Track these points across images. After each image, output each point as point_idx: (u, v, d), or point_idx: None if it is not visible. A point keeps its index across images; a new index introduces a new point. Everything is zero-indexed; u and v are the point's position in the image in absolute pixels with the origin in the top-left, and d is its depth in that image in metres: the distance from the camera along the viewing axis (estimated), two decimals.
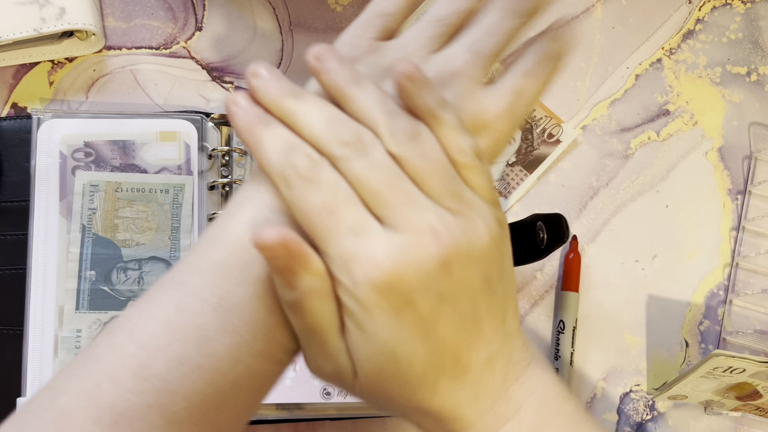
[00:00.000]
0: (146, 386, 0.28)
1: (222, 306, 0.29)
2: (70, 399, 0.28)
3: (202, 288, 0.29)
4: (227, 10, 0.56)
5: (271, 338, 0.29)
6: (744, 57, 0.59)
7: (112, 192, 0.50)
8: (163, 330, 0.28)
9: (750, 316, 0.55)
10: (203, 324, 0.28)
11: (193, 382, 0.28)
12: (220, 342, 0.28)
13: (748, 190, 0.57)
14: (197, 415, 0.28)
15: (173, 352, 0.28)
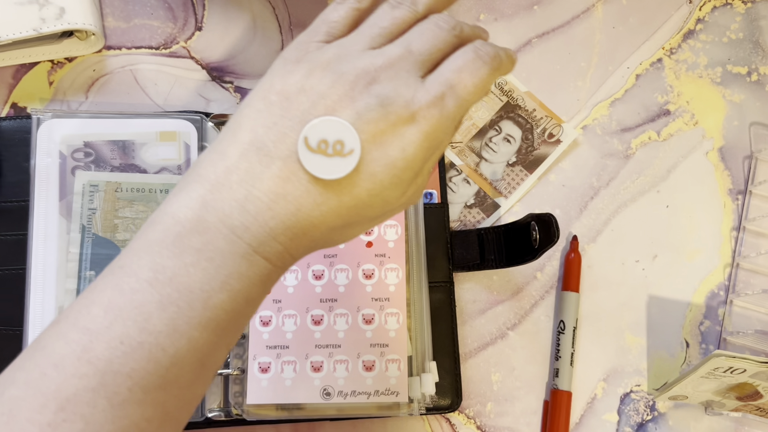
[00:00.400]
0: (90, 369, 0.29)
1: (158, 280, 0.30)
2: (16, 390, 0.29)
3: (140, 267, 0.30)
4: (227, 10, 0.56)
5: (209, 305, 0.31)
6: (744, 57, 0.58)
7: (112, 192, 0.50)
8: (104, 313, 0.30)
9: (750, 316, 0.55)
10: (142, 301, 0.30)
11: (134, 360, 0.29)
12: (159, 317, 0.30)
13: (748, 190, 0.57)
14: (140, 394, 0.29)
15: (114, 332, 0.29)
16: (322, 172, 0.31)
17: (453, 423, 0.53)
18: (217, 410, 0.49)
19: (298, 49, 0.34)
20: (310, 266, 0.50)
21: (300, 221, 0.32)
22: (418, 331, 0.50)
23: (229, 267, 0.31)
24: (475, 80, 0.33)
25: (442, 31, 0.35)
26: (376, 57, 0.33)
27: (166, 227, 0.31)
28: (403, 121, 0.32)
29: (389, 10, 0.35)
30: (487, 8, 0.58)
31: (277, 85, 0.33)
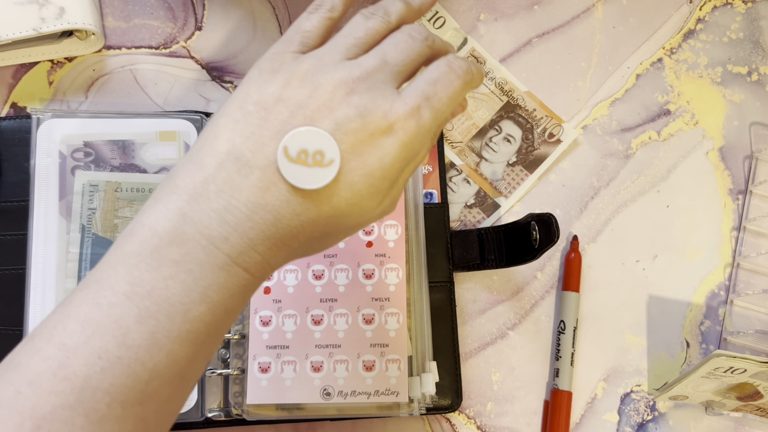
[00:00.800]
0: (66, 386, 0.28)
1: (136, 293, 0.30)
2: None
3: (117, 281, 0.30)
4: (227, 10, 0.56)
5: (188, 318, 0.30)
6: (745, 57, 0.58)
7: (112, 192, 0.50)
8: (81, 328, 0.29)
9: (751, 316, 0.55)
10: (120, 315, 0.29)
11: (113, 375, 0.29)
12: (137, 330, 0.29)
13: (749, 190, 0.57)
14: (119, 409, 0.29)
15: (92, 347, 0.29)
16: (302, 182, 0.31)
17: (453, 423, 0.53)
18: (217, 410, 0.49)
19: (273, 59, 0.34)
20: (310, 266, 0.50)
21: (279, 231, 0.32)
22: (418, 331, 0.50)
23: (208, 279, 0.31)
24: (450, 92, 0.34)
25: (415, 42, 0.35)
26: (353, 68, 0.33)
27: (143, 239, 0.31)
28: (381, 132, 0.32)
29: (363, 21, 0.36)
30: (487, 8, 0.58)
31: (254, 95, 0.33)
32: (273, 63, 0.34)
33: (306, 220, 0.32)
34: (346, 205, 0.32)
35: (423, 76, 0.35)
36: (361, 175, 0.32)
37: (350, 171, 0.32)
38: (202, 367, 0.32)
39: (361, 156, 0.32)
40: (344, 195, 0.32)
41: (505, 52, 0.57)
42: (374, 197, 0.33)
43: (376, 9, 0.37)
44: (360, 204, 0.32)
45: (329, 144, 0.31)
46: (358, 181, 0.32)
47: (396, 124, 0.32)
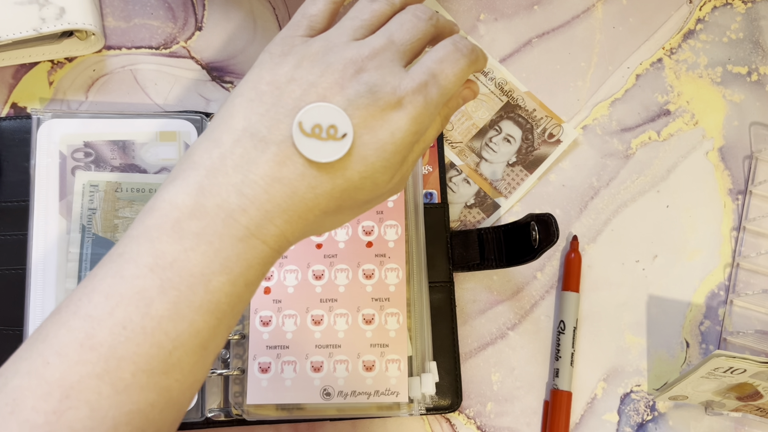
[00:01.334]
0: (93, 356, 0.29)
1: (158, 265, 0.31)
2: (20, 380, 0.29)
3: (139, 254, 0.31)
4: (227, 10, 0.56)
5: (209, 289, 0.31)
6: (744, 57, 0.58)
7: (112, 192, 0.50)
8: (105, 299, 0.30)
9: (751, 316, 0.55)
10: (143, 287, 0.30)
11: (137, 345, 0.30)
12: (160, 301, 0.30)
13: (748, 190, 0.57)
14: (143, 378, 0.30)
15: (117, 318, 0.30)
16: (316, 155, 0.32)
17: (453, 423, 0.53)
18: (217, 410, 0.49)
19: (283, 43, 0.35)
20: (310, 266, 0.50)
21: (295, 204, 0.33)
22: (418, 331, 0.50)
23: (228, 250, 0.32)
24: (455, 70, 0.36)
25: (420, 21, 0.37)
26: (362, 47, 0.34)
27: (163, 213, 0.32)
28: (391, 107, 0.33)
29: (368, 3, 0.37)
30: (487, 8, 0.58)
31: (267, 76, 0.34)
32: (283, 47, 0.35)
33: (321, 193, 0.33)
34: (360, 178, 0.33)
35: (429, 55, 0.36)
36: (374, 148, 0.33)
37: (363, 145, 0.33)
38: (224, 338, 0.33)
39: (372, 130, 0.33)
40: (357, 168, 0.33)
41: (505, 52, 0.57)
42: (386, 171, 0.34)
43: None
44: (373, 177, 0.34)
45: (342, 118, 0.33)
46: (370, 155, 0.33)
47: (405, 98, 0.34)
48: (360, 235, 0.51)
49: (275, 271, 0.50)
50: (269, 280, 0.50)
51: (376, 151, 0.33)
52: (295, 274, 0.50)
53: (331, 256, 0.50)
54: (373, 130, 0.33)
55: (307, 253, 0.50)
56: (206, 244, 0.31)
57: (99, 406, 0.29)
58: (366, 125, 0.33)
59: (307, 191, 0.33)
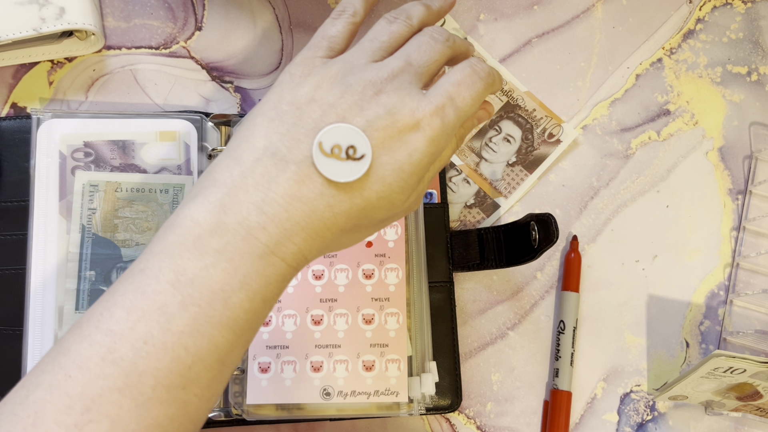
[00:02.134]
0: (114, 370, 0.30)
1: (179, 281, 0.31)
2: (42, 393, 0.29)
3: (161, 270, 0.31)
4: (227, 10, 0.56)
5: (229, 305, 0.32)
6: (744, 57, 0.58)
7: (112, 192, 0.50)
8: (127, 314, 0.31)
9: (750, 316, 0.55)
10: (164, 302, 0.31)
11: (158, 360, 0.30)
12: (181, 317, 0.31)
13: (748, 190, 0.57)
14: (163, 393, 0.30)
15: (138, 333, 0.30)
16: (336, 175, 0.33)
17: (453, 423, 0.53)
18: (217, 410, 0.49)
19: (303, 64, 0.36)
20: (310, 266, 0.50)
21: (314, 222, 0.33)
22: (418, 331, 0.50)
23: (248, 267, 0.32)
24: (472, 93, 0.36)
25: (437, 43, 0.37)
26: (381, 69, 0.35)
27: (185, 230, 0.32)
28: (409, 129, 0.34)
29: (387, 25, 0.38)
30: (487, 8, 0.58)
31: (287, 96, 0.35)
32: (303, 68, 0.36)
33: (339, 212, 0.34)
34: (377, 198, 0.34)
35: (447, 78, 0.36)
36: (392, 169, 0.34)
37: (381, 165, 0.34)
38: (241, 353, 0.34)
39: (391, 151, 0.34)
40: (375, 188, 0.34)
41: (504, 52, 0.57)
42: (403, 191, 0.35)
43: (399, 13, 0.39)
44: (390, 197, 0.34)
45: (361, 139, 0.33)
46: (388, 175, 0.34)
47: (422, 121, 0.34)
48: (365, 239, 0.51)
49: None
50: None
51: (394, 171, 0.34)
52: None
53: (330, 256, 0.50)
54: (391, 151, 0.34)
55: None
56: (227, 261, 0.32)
57: (119, 419, 0.29)
58: (384, 146, 0.34)
59: (325, 210, 0.33)
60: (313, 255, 0.35)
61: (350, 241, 0.36)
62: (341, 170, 0.33)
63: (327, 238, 0.34)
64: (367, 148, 0.33)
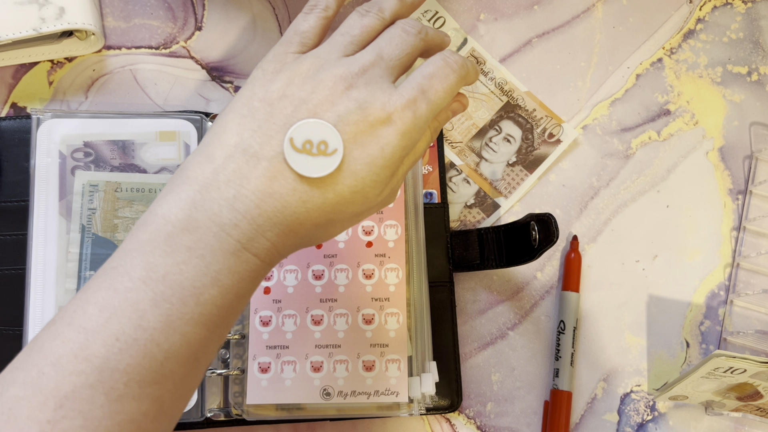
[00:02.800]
0: (87, 366, 0.30)
1: (151, 278, 0.31)
2: (16, 390, 0.30)
3: (133, 267, 0.32)
4: (227, 10, 0.56)
5: (201, 301, 0.32)
6: (745, 57, 0.58)
7: (112, 192, 0.50)
8: (99, 311, 0.31)
9: (751, 316, 0.55)
10: (136, 299, 0.31)
11: (130, 356, 0.30)
12: (153, 313, 0.31)
13: (748, 190, 0.57)
14: (136, 389, 0.30)
15: (110, 330, 0.30)
16: (307, 171, 0.33)
17: (453, 423, 0.53)
18: (217, 410, 0.49)
19: (275, 60, 0.36)
20: (310, 266, 0.50)
21: (287, 218, 0.33)
22: (418, 331, 0.50)
23: (220, 263, 0.32)
24: (445, 86, 0.36)
25: (409, 36, 0.37)
26: (352, 64, 0.35)
27: (157, 227, 0.32)
28: (381, 122, 0.34)
29: (358, 18, 0.38)
30: (487, 8, 0.58)
31: (259, 92, 0.35)
32: (275, 64, 0.36)
33: (312, 207, 0.34)
34: (350, 192, 0.34)
35: (419, 71, 0.36)
36: (364, 163, 0.34)
37: (353, 160, 0.34)
38: (215, 349, 0.34)
39: (362, 146, 0.34)
40: (348, 182, 0.34)
41: (505, 52, 0.57)
42: (376, 185, 0.35)
43: (371, 6, 0.38)
44: (363, 191, 0.34)
45: (332, 134, 0.33)
46: (360, 169, 0.34)
47: (394, 114, 0.34)
48: (360, 235, 0.51)
49: (275, 272, 0.50)
50: (269, 280, 0.50)
51: (366, 165, 0.34)
52: (295, 274, 0.50)
53: (330, 256, 0.50)
54: (363, 145, 0.34)
55: (307, 253, 0.50)
56: (198, 258, 0.32)
57: (92, 415, 0.30)
58: (356, 141, 0.34)
59: (298, 205, 0.33)
60: (287, 250, 0.35)
61: (325, 235, 0.36)
62: (313, 165, 0.33)
63: (300, 233, 0.34)
64: (338, 143, 0.33)
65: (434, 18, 0.57)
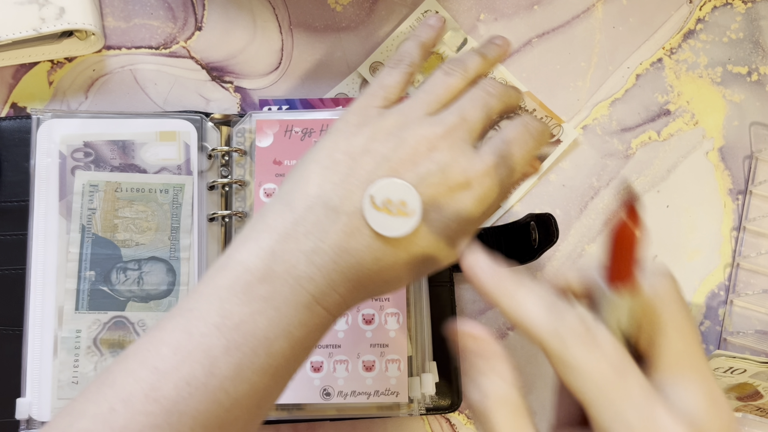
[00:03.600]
0: (156, 407, 0.30)
1: (225, 325, 0.31)
2: (86, 423, 0.30)
3: (209, 312, 0.32)
4: (227, 10, 0.56)
5: (271, 352, 0.32)
6: (745, 57, 0.58)
7: (112, 192, 0.50)
8: (172, 354, 0.31)
9: (751, 316, 0.55)
10: (209, 345, 0.31)
11: (198, 401, 0.30)
12: (224, 361, 0.31)
13: (748, 190, 0.57)
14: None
15: (181, 373, 0.31)
16: (385, 230, 0.33)
17: (453, 423, 0.53)
18: None
19: (359, 113, 0.36)
20: None
21: (359, 274, 0.34)
22: (418, 331, 0.50)
23: (292, 316, 0.32)
24: (523, 152, 0.37)
25: (492, 98, 0.37)
26: (435, 125, 0.35)
27: (235, 275, 0.32)
28: (460, 187, 0.34)
29: (443, 77, 0.38)
30: (487, 8, 0.58)
31: (342, 145, 0.35)
32: (359, 116, 0.36)
33: (384, 266, 0.34)
34: (423, 253, 0.34)
35: (500, 136, 0.37)
36: (440, 226, 0.34)
37: (429, 222, 0.34)
38: (277, 397, 0.34)
39: (440, 208, 0.34)
40: (422, 244, 0.34)
41: None
42: (448, 247, 0.35)
43: (456, 65, 0.38)
44: (435, 253, 0.35)
45: (413, 196, 0.34)
46: (435, 232, 0.34)
47: (474, 180, 0.35)
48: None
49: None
50: None
51: (442, 229, 0.34)
52: None
53: None
54: (441, 208, 0.34)
55: None
56: (273, 309, 0.32)
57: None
58: (434, 203, 0.34)
59: (372, 263, 0.34)
60: (354, 303, 0.35)
61: (391, 288, 0.36)
62: (391, 225, 0.33)
63: (369, 288, 0.34)
64: (417, 205, 0.33)
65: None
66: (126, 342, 0.48)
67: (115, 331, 0.48)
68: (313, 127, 0.50)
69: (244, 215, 0.50)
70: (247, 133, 0.51)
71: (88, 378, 0.47)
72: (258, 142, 0.50)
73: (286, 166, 0.50)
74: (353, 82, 0.56)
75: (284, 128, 0.50)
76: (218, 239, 0.51)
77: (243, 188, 0.51)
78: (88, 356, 0.47)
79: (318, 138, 0.50)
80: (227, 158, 0.52)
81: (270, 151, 0.50)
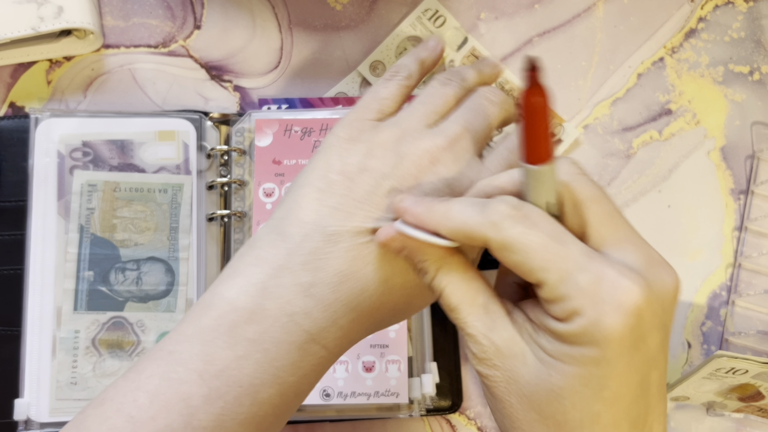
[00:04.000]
0: None
1: (208, 372, 0.29)
2: None
3: (190, 356, 0.29)
4: (226, 9, 0.56)
5: (257, 401, 0.30)
6: (746, 56, 0.58)
7: (111, 192, 0.49)
8: (149, 402, 0.29)
9: (753, 316, 0.55)
10: (189, 394, 0.29)
11: None
12: (204, 411, 0.29)
13: (750, 190, 0.56)
14: None
15: (158, 424, 0.28)
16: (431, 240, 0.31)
17: (453, 424, 0.52)
18: None
19: (350, 126, 0.34)
20: None
21: (365, 301, 0.31)
22: (418, 332, 0.49)
23: (283, 359, 0.30)
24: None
25: (493, 106, 0.35)
26: (437, 136, 0.33)
27: (220, 314, 0.30)
28: None
29: (440, 87, 0.35)
30: (487, 7, 0.58)
31: (336, 164, 0.32)
32: (351, 131, 0.33)
33: (393, 286, 0.31)
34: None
35: (505, 144, 0.35)
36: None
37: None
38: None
39: None
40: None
41: (505, 51, 0.57)
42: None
43: (453, 75, 0.36)
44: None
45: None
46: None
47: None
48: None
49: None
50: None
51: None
52: None
53: None
54: None
55: None
56: (261, 352, 0.30)
57: None
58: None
59: (378, 285, 0.31)
60: (358, 338, 0.32)
61: (401, 317, 0.34)
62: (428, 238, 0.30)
63: (376, 318, 0.32)
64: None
65: (434, 17, 0.57)
66: (125, 342, 0.48)
67: (113, 332, 0.48)
68: (312, 127, 0.50)
69: (243, 215, 0.50)
70: (247, 133, 0.51)
71: (86, 378, 0.47)
72: (257, 141, 0.50)
73: (285, 166, 0.50)
74: (353, 81, 0.56)
75: (284, 127, 0.50)
76: (217, 239, 0.51)
77: (242, 188, 0.51)
78: (87, 357, 0.47)
79: (318, 138, 0.50)
80: (226, 158, 0.51)
81: (269, 151, 0.50)
